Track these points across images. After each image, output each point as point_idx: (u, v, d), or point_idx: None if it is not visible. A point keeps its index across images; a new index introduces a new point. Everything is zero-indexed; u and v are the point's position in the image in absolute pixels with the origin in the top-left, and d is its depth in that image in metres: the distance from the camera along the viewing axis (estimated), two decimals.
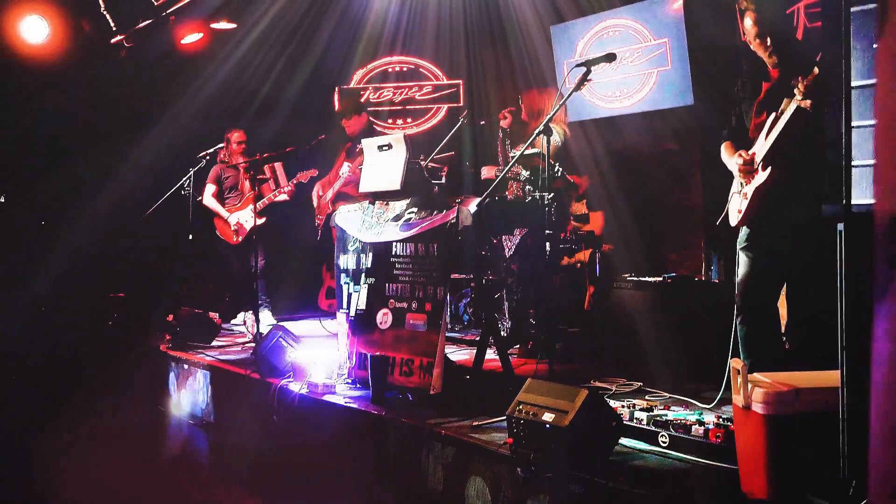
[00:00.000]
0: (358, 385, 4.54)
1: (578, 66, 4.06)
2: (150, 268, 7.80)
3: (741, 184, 3.83)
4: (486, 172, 6.08)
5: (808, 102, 3.49)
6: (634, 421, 3.36)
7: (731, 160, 3.90)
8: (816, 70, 3.43)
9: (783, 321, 4.23)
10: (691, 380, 4.22)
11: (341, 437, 4.17)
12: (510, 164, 4.83)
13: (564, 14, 7.37)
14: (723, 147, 4.02)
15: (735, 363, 2.75)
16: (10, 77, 7.17)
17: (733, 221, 3.84)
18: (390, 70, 8.79)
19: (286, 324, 5.86)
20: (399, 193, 4.54)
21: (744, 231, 3.84)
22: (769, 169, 3.65)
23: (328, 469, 4.22)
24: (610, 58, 4.06)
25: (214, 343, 6.35)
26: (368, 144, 4.83)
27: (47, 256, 7.36)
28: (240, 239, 7.28)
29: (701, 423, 3.17)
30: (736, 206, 3.83)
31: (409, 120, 8.71)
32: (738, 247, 3.86)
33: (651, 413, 3.39)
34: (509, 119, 5.84)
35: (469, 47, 8.45)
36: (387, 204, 4.65)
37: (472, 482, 3.37)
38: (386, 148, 4.69)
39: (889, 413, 2.02)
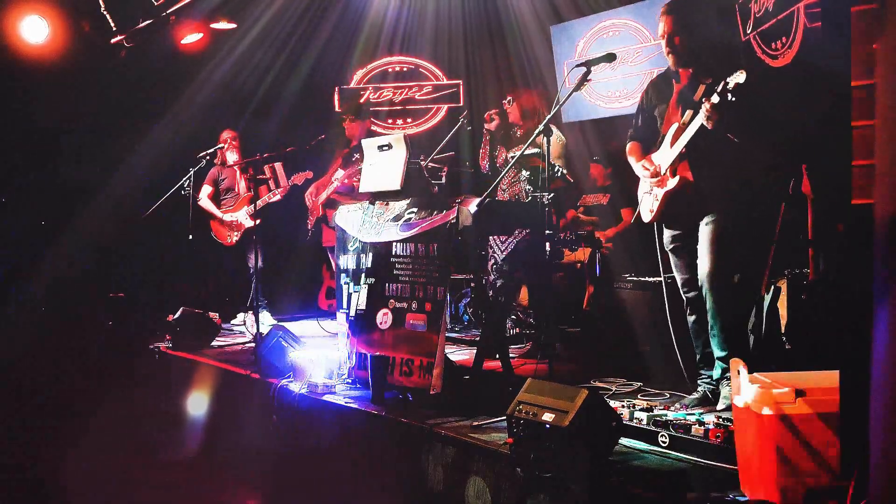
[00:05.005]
0: (358, 385, 4.54)
1: (578, 66, 4.07)
2: (149, 268, 7.80)
3: (651, 185, 3.97)
4: None
5: (712, 121, 3.58)
6: (634, 421, 3.36)
7: (638, 165, 4.04)
8: (742, 78, 3.48)
9: (783, 321, 4.24)
10: (691, 379, 4.22)
11: (341, 437, 4.17)
12: (510, 164, 4.82)
13: (563, 14, 7.38)
14: (628, 147, 4.15)
15: (735, 363, 2.75)
16: (10, 77, 7.17)
17: (646, 218, 4.03)
18: (390, 70, 8.79)
19: (286, 324, 5.86)
20: (399, 193, 4.54)
21: (667, 233, 4.01)
22: (677, 178, 3.80)
23: (328, 469, 4.22)
24: (610, 58, 4.07)
25: (214, 343, 6.34)
26: (368, 144, 4.84)
27: (48, 257, 7.35)
28: (234, 240, 7.29)
29: (701, 423, 3.17)
30: (647, 206, 4.00)
31: (409, 120, 8.71)
32: (666, 248, 4.03)
33: (651, 413, 3.39)
34: (497, 121, 5.66)
35: (468, 47, 8.47)
36: (387, 204, 4.65)
37: (472, 482, 3.37)
38: (386, 148, 4.69)
39: (889, 412, 2.02)
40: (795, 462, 2.55)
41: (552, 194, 4.24)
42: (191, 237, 6.87)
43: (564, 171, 5.60)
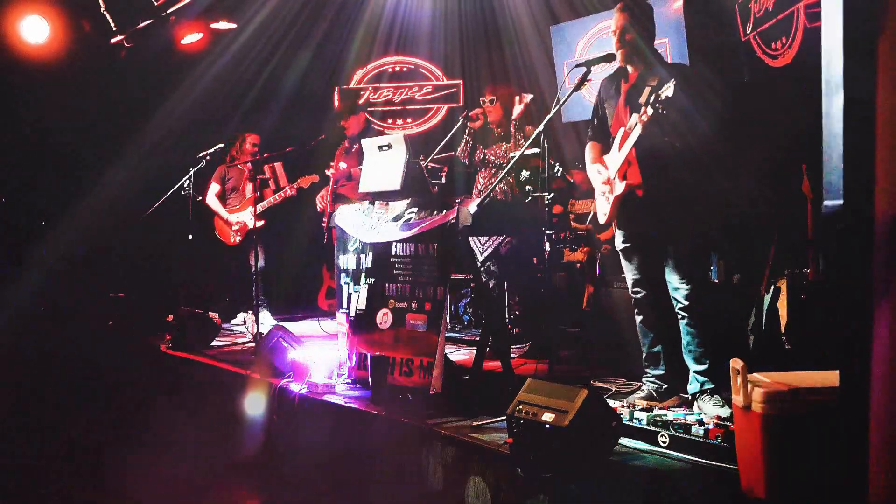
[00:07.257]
0: (358, 385, 4.54)
1: (578, 66, 4.08)
2: (149, 268, 7.81)
3: (603, 188, 3.99)
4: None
5: (651, 121, 3.61)
6: (634, 421, 3.36)
7: (592, 168, 4.06)
8: (671, 91, 3.51)
9: (783, 321, 4.24)
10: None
11: (341, 437, 4.17)
12: (510, 164, 4.82)
13: (562, 15, 7.38)
14: (588, 147, 4.16)
15: (735, 363, 2.75)
16: (10, 77, 7.18)
17: (601, 220, 4.07)
18: (390, 70, 8.79)
19: (286, 324, 5.86)
20: (399, 193, 4.54)
21: (619, 234, 4.04)
22: (624, 183, 3.83)
23: (328, 469, 4.22)
24: (610, 58, 4.07)
25: (214, 343, 6.34)
26: (368, 144, 4.83)
27: (48, 256, 7.36)
28: (238, 240, 7.29)
29: (701, 423, 3.17)
30: (602, 209, 4.04)
31: (409, 120, 8.71)
32: (618, 248, 4.07)
33: (651, 413, 3.39)
34: (481, 121, 5.62)
35: (464, 48, 8.47)
36: (387, 204, 4.65)
37: (472, 482, 3.37)
38: (386, 148, 4.69)
39: (889, 412, 2.03)
40: (795, 462, 2.55)
41: (552, 194, 4.24)
42: (191, 237, 6.87)
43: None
